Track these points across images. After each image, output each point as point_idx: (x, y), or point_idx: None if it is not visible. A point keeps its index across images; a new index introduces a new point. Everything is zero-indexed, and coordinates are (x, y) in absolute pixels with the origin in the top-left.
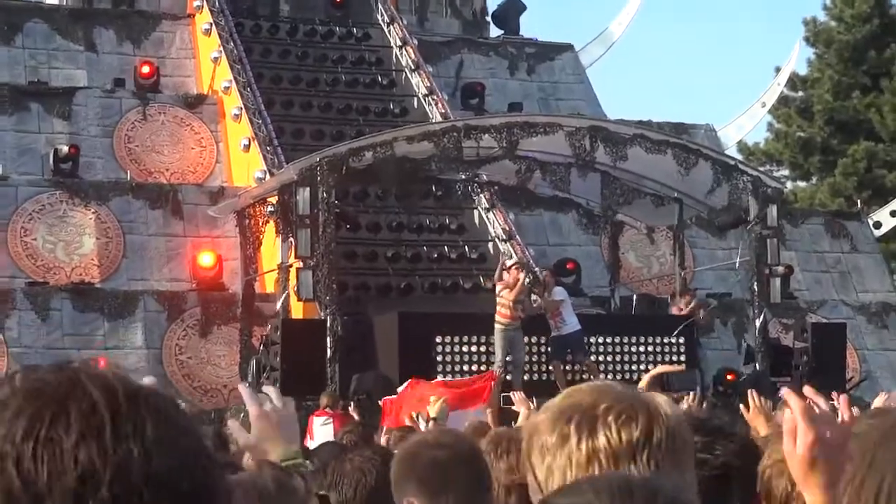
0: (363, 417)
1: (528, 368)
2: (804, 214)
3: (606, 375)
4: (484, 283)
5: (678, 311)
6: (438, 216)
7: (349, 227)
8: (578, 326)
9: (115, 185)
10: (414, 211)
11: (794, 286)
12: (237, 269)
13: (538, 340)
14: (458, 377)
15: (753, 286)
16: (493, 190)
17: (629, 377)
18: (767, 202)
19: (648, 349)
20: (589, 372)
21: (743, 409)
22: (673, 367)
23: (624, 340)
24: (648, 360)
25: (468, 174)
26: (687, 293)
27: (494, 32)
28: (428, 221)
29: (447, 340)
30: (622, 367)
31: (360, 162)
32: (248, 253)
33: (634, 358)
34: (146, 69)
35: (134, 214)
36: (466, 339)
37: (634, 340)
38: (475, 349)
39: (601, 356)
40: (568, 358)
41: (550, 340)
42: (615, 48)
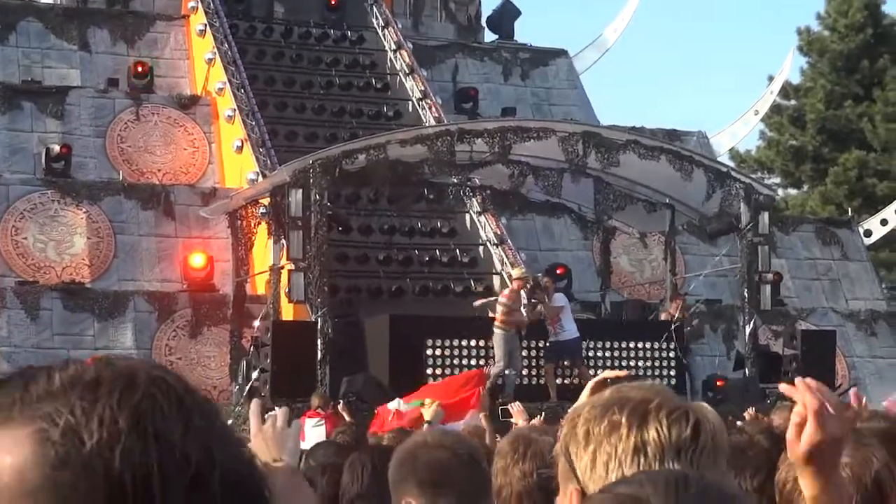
0: (353, 419)
1: (522, 377)
2: (795, 222)
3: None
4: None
5: (668, 316)
6: (430, 219)
7: (341, 229)
8: (577, 334)
9: (107, 185)
10: (406, 214)
11: (784, 293)
12: (228, 270)
13: (531, 345)
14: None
15: (744, 292)
16: (485, 194)
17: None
18: (759, 209)
19: (638, 354)
20: (581, 378)
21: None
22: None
23: (614, 346)
24: (638, 365)
25: (461, 178)
26: (677, 298)
27: (489, 37)
28: (420, 225)
29: (438, 343)
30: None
31: (352, 164)
32: (239, 254)
33: (624, 363)
34: (140, 69)
35: (125, 214)
36: (457, 342)
37: (624, 346)
38: (466, 352)
39: (591, 361)
40: (565, 363)
41: (548, 345)
42: (609, 54)
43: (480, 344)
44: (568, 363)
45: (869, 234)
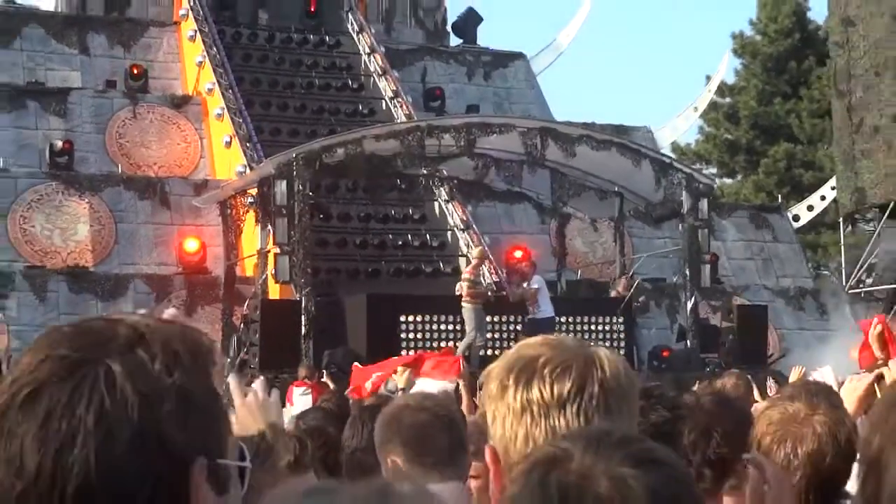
0: (336, 387)
1: (490, 345)
2: (731, 208)
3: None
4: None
5: (617, 293)
6: (403, 207)
7: (322, 216)
8: (552, 313)
9: (107, 177)
10: (380, 203)
11: (721, 272)
12: (220, 254)
13: (500, 320)
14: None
15: (685, 271)
16: (452, 184)
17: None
18: (698, 197)
19: (591, 328)
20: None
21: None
22: None
23: (570, 320)
24: (591, 338)
25: (430, 170)
26: (625, 277)
27: (454, 42)
28: (393, 212)
29: (411, 319)
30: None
31: (332, 158)
32: (229, 240)
33: (579, 336)
34: (136, 72)
35: (125, 204)
36: (429, 318)
37: (579, 320)
38: (436, 327)
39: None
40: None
41: (527, 321)
42: (563, 56)
43: (449, 318)
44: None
45: (797, 218)
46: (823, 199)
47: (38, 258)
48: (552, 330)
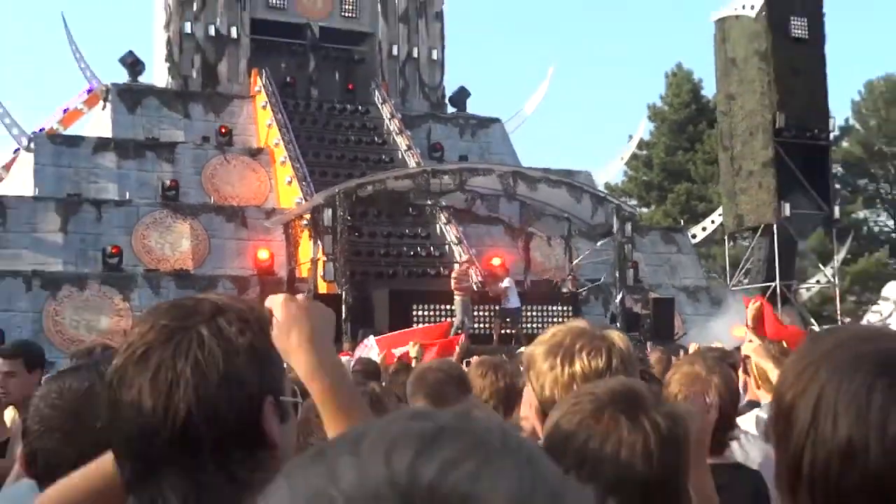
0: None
1: (476, 326)
2: (647, 229)
3: (524, 330)
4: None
5: (567, 290)
6: (413, 228)
7: (356, 234)
8: (518, 304)
9: (202, 206)
10: (398, 224)
11: (640, 275)
12: (283, 261)
13: (481, 308)
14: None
15: (616, 274)
16: (449, 211)
17: (535, 331)
18: (624, 221)
19: (549, 314)
20: (517, 332)
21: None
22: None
23: (533, 308)
24: (547, 323)
25: (433, 201)
26: (573, 278)
27: (451, 110)
28: (407, 231)
29: (420, 307)
30: (532, 325)
31: (363, 192)
32: (290, 251)
33: (538, 321)
34: (223, 131)
35: (215, 226)
36: (432, 306)
37: (539, 308)
38: (437, 312)
39: (524, 320)
40: (507, 321)
41: (498, 309)
42: (528, 120)
43: (446, 307)
44: (509, 321)
45: (694, 236)
46: (713, 222)
47: (153, 264)
48: (519, 316)
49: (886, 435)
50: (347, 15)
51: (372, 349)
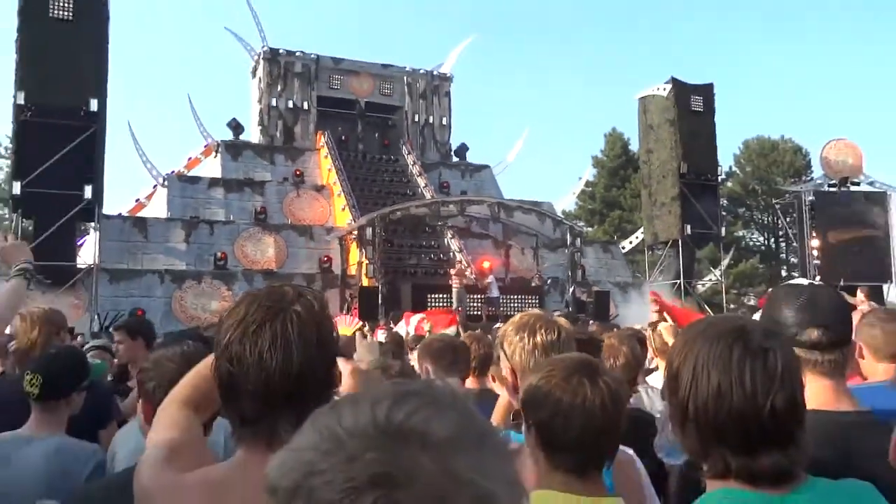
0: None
1: (470, 308)
2: (591, 242)
3: (503, 312)
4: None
5: (534, 284)
6: (428, 241)
7: (389, 244)
8: (497, 294)
9: (283, 225)
10: (417, 238)
11: (587, 274)
12: (339, 263)
13: (472, 296)
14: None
15: (568, 273)
16: (453, 230)
17: (512, 313)
18: (575, 237)
19: (522, 302)
20: (496, 314)
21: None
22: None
23: (511, 297)
24: (522, 308)
25: (442, 223)
26: (539, 276)
27: (455, 159)
28: (423, 243)
29: (432, 296)
30: (510, 309)
31: (394, 216)
32: (343, 256)
33: (516, 307)
34: (298, 173)
35: (292, 239)
36: (441, 295)
37: (515, 297)
38: (443, 300)
39: (502, 304)
40: (491, 307)
41: (484, 298)
42: (510, 166)
43: (448, 296)
44: (492, 307)
45: (624, 248)
46: (637, 237)
47: (248, 265)
48: (498, 303)
49: (743, 382)
50: (384, 94)
51: (402, 327)
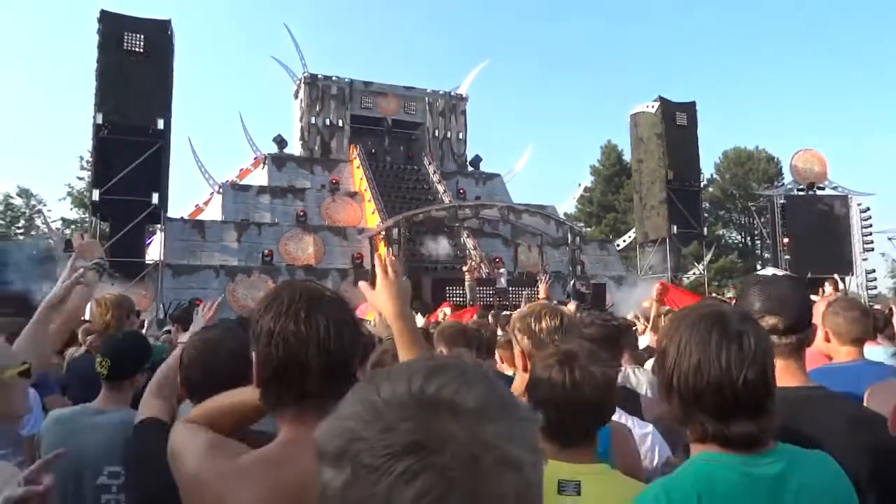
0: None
1: (480, 298)
2: (590, 240)
3: (511, 301)
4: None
5: (539, 278)
6: (448, 240)
7: (412, 243)
8: (505, 286)
9: (321, 227)
10: (438, 237)
11: (586, 268)
12: (369, 260)
13: (482, 288)
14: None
15: (570, 267)
16: (468, 230)
17: (519, 303)
18: (576, 236)
19: (528, 293)
20: (504, 302)
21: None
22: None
23: (519, 290)
24: (527, 298)
25: (459, 224)
26: (543, 270)
27: (470, 169)
28: (443, 242)
29: (450, 289)
30: (516, 301)
31: (417, 219)
32: (373, 254)
33: (522, 297)
34: (334, 181)
35: (328, 238)
36: (457, 289)
37: (523, 289)
38: (458, 292)
39: (510, 295)
40: (499, 297)
41: (493, 290)
42: (517, 175)
43: (463, 289)
44: (500, 296)
45: (618, 246)
46: (630, 237)
47: (291, 261)
48: (506, 293)
49: (720, 359)
50: (409, 112)
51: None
